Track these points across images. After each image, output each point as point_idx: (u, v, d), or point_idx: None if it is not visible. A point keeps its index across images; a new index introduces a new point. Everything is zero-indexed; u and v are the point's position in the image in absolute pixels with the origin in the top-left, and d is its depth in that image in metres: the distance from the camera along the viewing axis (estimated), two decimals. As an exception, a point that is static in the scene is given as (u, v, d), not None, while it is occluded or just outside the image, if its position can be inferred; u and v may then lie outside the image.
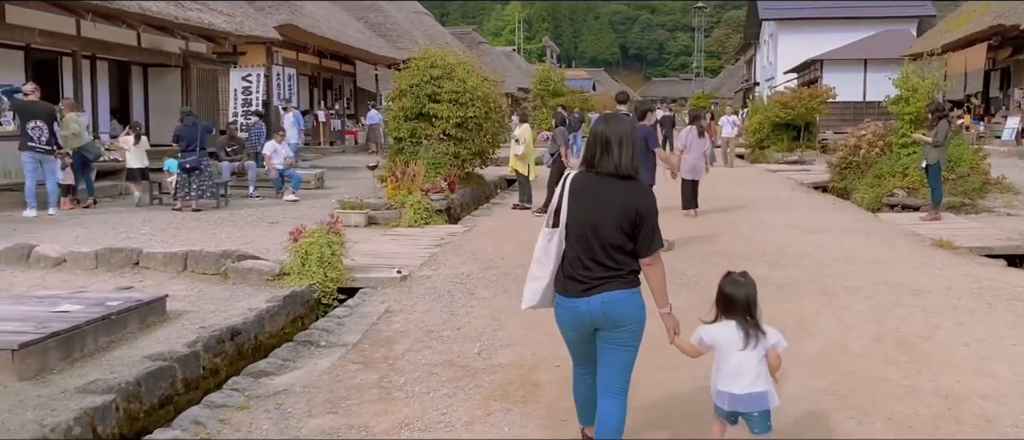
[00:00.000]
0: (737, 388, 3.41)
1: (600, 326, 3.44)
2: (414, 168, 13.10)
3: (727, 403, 3.45)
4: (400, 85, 14.88)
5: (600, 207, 3.41)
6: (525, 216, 12.25)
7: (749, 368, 3.39)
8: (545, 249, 3.59)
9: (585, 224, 3.42)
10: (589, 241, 3.41)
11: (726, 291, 3.48)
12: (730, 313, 3.46)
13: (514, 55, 70.33)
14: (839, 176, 15.96)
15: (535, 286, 3.63)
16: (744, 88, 55.55)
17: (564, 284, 3.50)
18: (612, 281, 3.39)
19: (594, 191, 3.45)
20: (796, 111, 24.65)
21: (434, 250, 9.12)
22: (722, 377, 3.46)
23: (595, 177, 3.48)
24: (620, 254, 3.40)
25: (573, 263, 3.46)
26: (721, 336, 3.45)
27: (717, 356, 3.49)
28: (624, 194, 3.41)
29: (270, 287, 7.31)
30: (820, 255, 8.64)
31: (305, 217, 11.67)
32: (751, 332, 3.41)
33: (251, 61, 22.58)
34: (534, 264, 3.63)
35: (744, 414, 3.47)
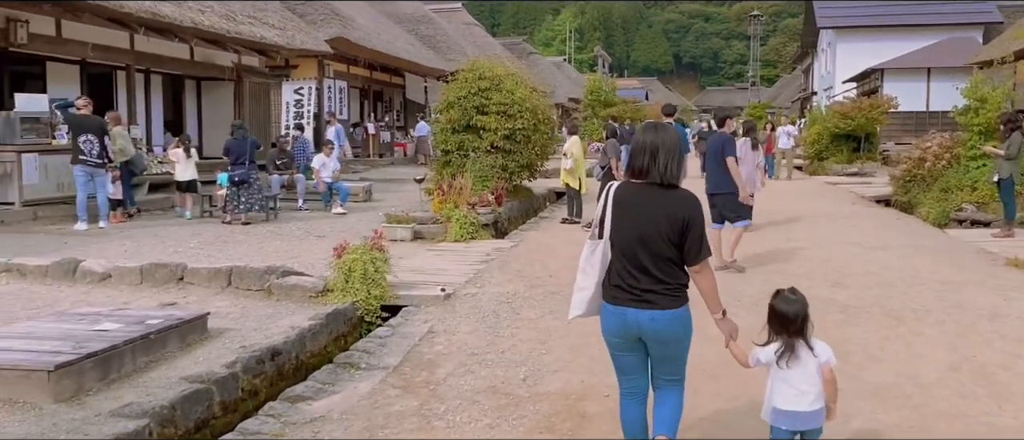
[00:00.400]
0: (800, 406, 3.42)
1: (647, 341, 3.48)
2: (461, 181, 12.95)
3: (788, 423, 3.44)
4: (448, 97, 14.75)
5: (646, 217, 3.40)
6: (574, 231, 11.97)
7: (805, 386, 3.41)
8: (589, 259, 3.59)
9: (630, 234, 3.42)
10: (635, 251, 3.41)
11: (778, 309, 3.48)
12: (782, 331, 3.45)
13: (565, 65, 70.11)
14: (903, 189, 15.36)
15: (581, 296, 3.66)
16: (801, 98, 54.41)
17: (612, 292, 3.50)
18: (662, 297, 3.39)
19: (639, 201, 3.45)
20: (856, 122, 23.94)
21: (479, 267, 8.91)
22: (779, 397, 3.46)
23: (639, 187, 3.48)
24: (667, 265, 3.40)
25: (620, 273, 3.47)
26: (772, 356, 3.46)
27: (774, 375, 3.49)
28: (670, 203, 3.40)
29: (313, 304, 7.17)
30: (885, 274, 8.19)
31: (352, 231, 11.61)
32: (791, 349, 3.41)
33: (303, 74, 22.76)
34: (579, 274, 3.64)
35: (804, 432, 3.46)
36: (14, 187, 11.42)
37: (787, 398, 3.43)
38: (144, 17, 13.12)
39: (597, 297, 3.60)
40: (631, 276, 3.42)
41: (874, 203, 15.86)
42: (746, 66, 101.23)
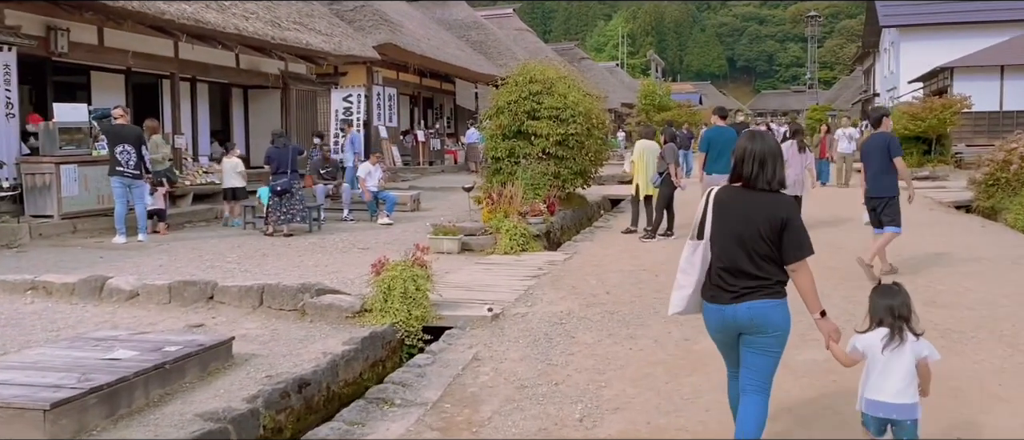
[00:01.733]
0: (892, 397, 3.44)
1: (745, 331, 3.59)
2: (511, 190, 12.33)
3: (877, 410, 3.47)
4: (498, 102, 14.16)
5: (745, 219, 3.57)
6: (631, 241, 11.24)
7: (900, 375, 3.43)
8: (690, 259, 3.76)
9: (731, 236, 3.59)
10: (735, 252, 3.57)
11: (878, 300, 3.56)
12: (881, 320, 3.52)
13: (617, 70, 69.25)
14: (985, 194, 14.26)
15: (681, 294, 3.82)
16: (862, 99, 52.59)
17: (713, 292, 3.66)
18: (760, 291, 3.54)
19: (739, 204, 3.63)
20: (927, 123, 22.74)
21: (530, 282, 8.25)
22: (872, 385, 3.50)
23: (739, 190, 3.67)
24: (767, 264, 3.55)
25: (721, 274, 3.62)
26: (872, 343, 3.50)
27: (867, 364, 3.53)
28: (769, 206, 3.57)
29: (350, 325, 6.60)
30: (983, 290, 7.31)
31: (397, 242, 11.08)
32: (899, 334, 3.45)
33: (351, 81, 22.47)
34: (680, 274, 3.82)
35: (895, 423, 3.47)
36: (53, 199, 11.14)
37: (881, 389, 3.47)
38: (187, 24, 12.82)
39: (696, 296, 3.78)
40: (732, 276, 3.58)
41: (953, 209, 14.77)
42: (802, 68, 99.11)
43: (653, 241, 11.16)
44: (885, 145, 8.11)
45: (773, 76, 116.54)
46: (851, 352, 3.58)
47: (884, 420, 3.47)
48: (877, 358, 3.48)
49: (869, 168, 8.31)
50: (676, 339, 6.08)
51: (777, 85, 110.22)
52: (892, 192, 8.13)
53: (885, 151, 8.06)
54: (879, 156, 8.10)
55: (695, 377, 5.24)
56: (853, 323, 4.10)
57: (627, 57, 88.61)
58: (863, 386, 3.56)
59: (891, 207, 8.18)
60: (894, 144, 8.16)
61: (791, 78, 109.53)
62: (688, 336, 6.14)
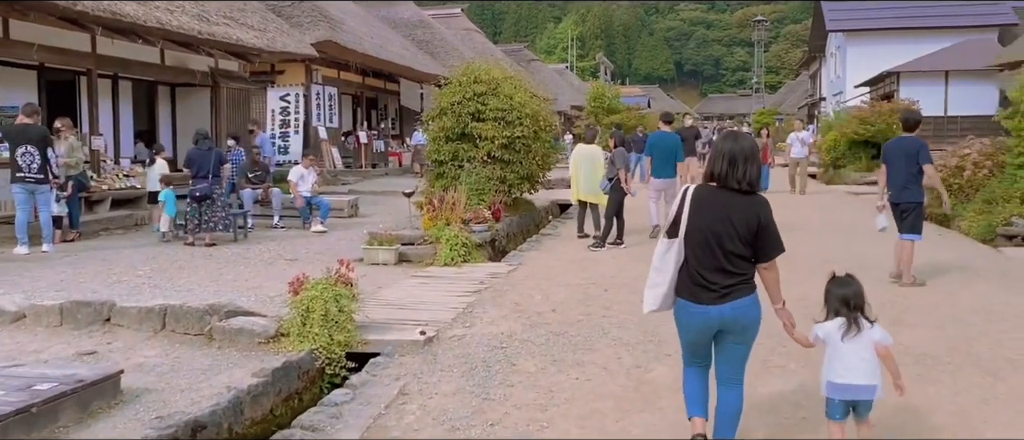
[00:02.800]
0: (855, 379, 3.67)
1: (727, 329, 3.72)
2: (454, 195, 11.65)
3: (841, 393, 3.69)
4: (440, 103, 13.46)
5: (723, 218, 3.65)
6: (580, 251, 10.65)
7: (859, 360, 3.66)
8: (664, 257, 3.81)
9: (708, 234, 3.66)
10: (713, 250, 3.65)
11: (832, 291, 3.79)
12: (837, 310, 3.74)
13: (567, 72, 68.92)
14: (937, 201, 13.98)
15: (656, 292, 3.87)
16: (809, 103, 53.12)
17: (692, 291, 3.72)
18: (739, 288, 3.67)
19: (716, 203, 3.69)
20: (876, 127, 22.57)
21: (470, 298, 7.58)
22: (833, 370, 3.72)
23: (716, 190, 3.73)
24: (741, 261, 3.67)
25: (698, 272, 3.70)
26: (832, 331, 3.73)
27: (828, 351, 3.76)
28: (745, 206, 3.66)
29: (263, 353, 5.86)
30: (952, 307, 6.87)
31: (330, 252, 10.32)
32: (855, 323, 3.68)
33: (289, 80, 21.56)
34: (653, 272, 3.87)
35: (856, 403, 3.72)
36: (-53, 207, 10.13)
37: (842, 372, 3.69)
38: (103, 16, 11.82)
39: (670, 294, 3.82)
40: (710, 273, 3.67)
41: (906, 215, 14.51)
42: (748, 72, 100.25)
43: (603, 250, 10.59)
44: (916, 150, 7.76)
45: (720, 80, 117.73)
46: (814, 339, 3.83)
47: (848, 402, 3.72)
48: (838, 346, 3.70)
49: (894, 173, 7.94)
50: (627, 367, 5.47)
51: (724, 89, 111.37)
52: (920, 198, 7.87)
53: (914, 157, 7.72)
54: (907, 161, 7.77)
55: (647, 415, 4.64)
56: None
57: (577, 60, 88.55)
58: (826, 373, 3.78)
59: (916, 214, 7.90)
60: (924, 150, 7.80)
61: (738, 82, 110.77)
62: (639, 362, 5.54)
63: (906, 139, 8.03)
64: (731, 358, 3.80)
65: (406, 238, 10.54)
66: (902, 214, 8.00)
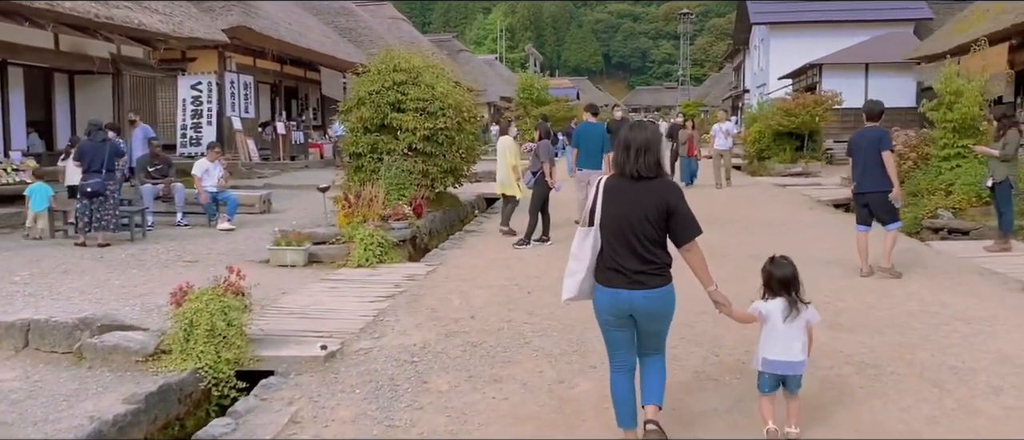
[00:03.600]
0: (788, 355, 3.89)
1: (639, 316, 3.78)
2: (372, 190, 11.01)
3: (776, 369, 3.90)
4: (358, 92, 12.76)
5: (634, 205, 3.72)
6: (504, 249, 10.13)
7: (794, 338, 3.89)
8: (581, 246, 3.87)
9: (621, 221, 3.73)
10: (626, 237, 3.72)
11: (772, 273, 3.95)
12: (777, 291, 3.93)
13: (496, 63, 68.35)
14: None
15: (573, 279, 3.91)
16: (733, 95, 53.80)
17: (606, 276, 3.79)
18: (651, 277, 3.71)
19: (626, 191, 3.76)
20: (800, 119, 22.70)
21: (383, 304, 6.98)
22: (771, 347, 3.91)
23: (625, 178, 3.79)
24: (655, 247, 3.73)
25: (612, 257, 3.76)
26: (773, 310, 3.91)
27: (765, 329, 3.93)
28: (654, 192, 3.74)
29: (140, 373, 5.18)
30: (889, 309, 6.58)
31: (235, 252, 9.61)
32: (794, 306, 3.90)
33: (201, 67, 20.49)
34: (572, 260, 3.92)
35: (787, 377, 3.92)
36: None
37: (777, 349, 3.88)
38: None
39: (588, 280, 3.88)
40: (623, 259, 3.73)
41: (833, 208, 14.45)
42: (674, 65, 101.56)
43: (528, 248, 10.10)
44: (877, 139, 7.75)
45: (647, 72, 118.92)
46: (754, 312, 3.96)
47: (780, 376, 3.91)
48: (777, 325, 3.88)
49: (860, 163, 7.90)
50: (549, 382, 4.97)
51: (651, 81, 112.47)
52: (886, 186, 7.77)
53: (876, 145, 7.71)
54: (872, 150, 7.74)
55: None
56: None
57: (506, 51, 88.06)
58: (761, 349, 3.95)
59: (887, 204, 7.83)
60: (886, 138, 7.83)
61: (664, 74, 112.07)
62: (562, 376, 5.05)
63: (869, 129, 7.98)
64: (649, 340, 3.91)
65: (319, 236, 9.87)
66: (864, 205, 7.96)
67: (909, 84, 29.26)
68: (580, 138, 11.75)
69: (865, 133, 7.97)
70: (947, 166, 11.80)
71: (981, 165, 11.65)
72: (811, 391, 4.66)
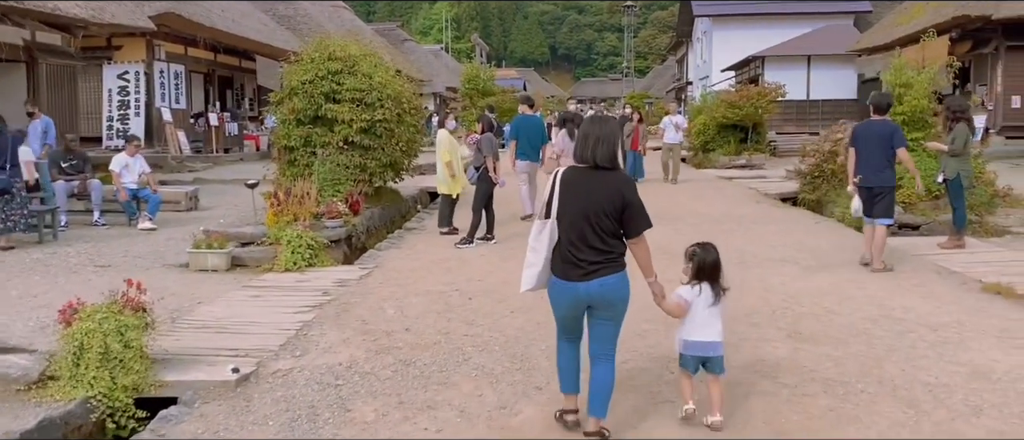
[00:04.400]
0: (706, 337, 4.08)
1: (595, 305, 3.88)
2: (303, 186, 10.39)
3: (697, 350, 4.10)
4: (290, 82, 12.06)
5: (590, 197, 3.83)
6: (446, 250, 9.59)
7: (713, 321, 4.09)
8: (538, 238, 3.95)
9: (578, 213, 3.83)
10: (582, 228, 3.82)
11: (704, 259, 4.10)
12: (700, 276, 4.09)
13: (442, 54, 67.47)
14: (810, 186, 13.78)
15: (531, 271, 3.98)
16: (676, 87, 53.98)
17: (562, 269, 3.88)
18: (607, 266, 3.82)
19: (584, 183, 3.88)
20: (744, 110, 22.58)
21: (309, 315, 6.39)
22: (692, 329, 4.10)
23: (583, 170, 3.91)
24: (611, 238, 3.84)
25: (569, 249, 3.85)
26: (695, 295, 4.08)
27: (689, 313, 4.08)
28: (610, 183, 3.85)
29: (22, 403, 4.53)
30: (851, 314, 6.22)
31: (153, 255, 8.91)
32: (718, 291, 4.10)
33: (128, 56, 19.44)
34: (529, 252, 3.99)
35: (707, 358, 4.11)
36: None
37: (697, 331, 4.09)
38: None
39: (545, 271, 3.95)
40: (579, 251, 3.82)
41: (780, 202, 14.23)
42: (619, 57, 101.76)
43: (471, 248, 9.58)
44: (889, 134, 7.77)
45: (592, 64, 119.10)
46: (679, 300, 4.06)
47: (701, 357, 4.07)
48: (698, 309, 4.05)
49: (866, 156, 7.87)
50: (490, 408, 4.46)
51: (596, 73, 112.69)
52: (892, 183, 7.88)
53: (888, 140, 7.72)
54: (881, 145, 7.74)
55: (514, 482, 3.65)
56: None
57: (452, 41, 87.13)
58: (683, 332, 4.11)
59: (889, 199, 7.88)
60: (899, 133, 7.88)
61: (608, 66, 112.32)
62: (505, 401, 4.55)
63: (877, 122, 7.95)
64: (601, 336, 3.94)
65: (247, 237, 9.23)
66: (875, 198, 7.88)
67: (850, 76, 29.49)
68: (518, 130, 11.76)
69: (873, 126, 7.94)
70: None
71: (931, 159, 11.49)
72: (777, 413, 4.25)
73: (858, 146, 7.97)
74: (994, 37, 19.80)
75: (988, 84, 20.66)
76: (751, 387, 4.64)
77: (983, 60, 21.13)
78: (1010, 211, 10.88)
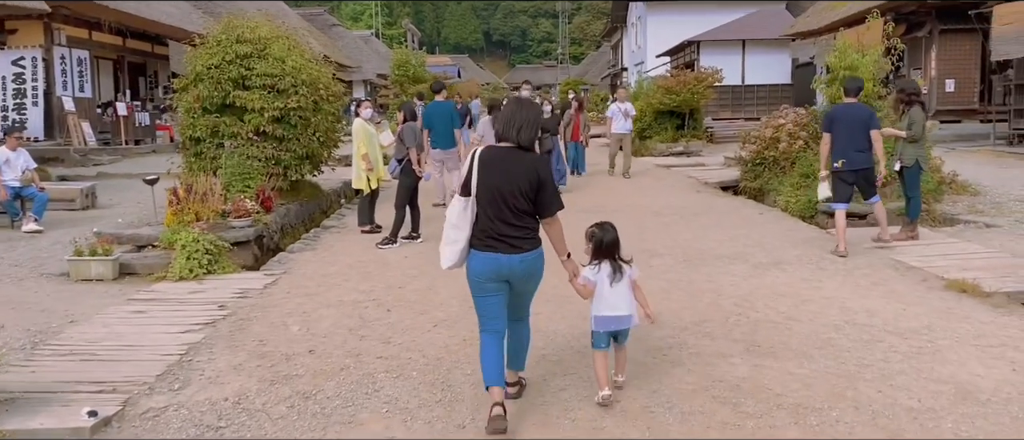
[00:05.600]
0: (616, 311, 4.19)
1: (514, 280, 4.00)
2: (207, 181, 9.42)
3: (606, 325, 4.22)
4: (195, 67, 11.01)
5: (507, 175, 3.92)
6: (367, 251, 8.74)
7: (621, 297, 4.19)
8: (461, 215, 4.01)
9: (496, 192, 3.92)
10: (500, 206, 3.93)
11: (603, 239, 4.22)
12: (601, 255, 4.23)
13: (373, 40, 65.83)
14: (751, 174, 13.31)
15: (453, 249, 4.05)
16: (611, 73, 53.65)
17: (485, 242, 3.96)
18: (526, 241, 3.96)
19: (501, 162, 3.96)
20: (681, 97, 22.16)
21: (198, 335, 5.50)
22: (601, 306, 4.20)
23: (501, 149, 4.02)
24: (527, 217, 3.97)
25: (490, 225, 3.95)
26: (602, 277, 4.20)
27: (596, 292, 4.20)
28: (527, 165, 3.95)
29: None
30: (810, 320, 5.61)
31: (34, 262, 7.94)
32: (618, 268, 4.22)
33: (24, 41, 18.00)
34: (451, 229, 4.04)
35: (617, 332, 4.27)
36: None
37: (602, 307, 4.20)
38: None
39: (466, 249, 4.03)
40: (501, 226, 3.93)
41: (721, 191, 13.73)
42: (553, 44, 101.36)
43: (394, 248, 8.75)
44: (867, 116, 7.84)
45: (527, 50, 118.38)
46: (585, 283, 4.18)
47: (612, 332, 4.25)
48: (605, 286, 4.19)
49: (849, 138, 7.79)
50: (402, 456, 3.68)
51: (531, 59, 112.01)
52: (871, 163, 7.91)
53: (866, 123, 7.77)
54: (860, 128, 7.78)
55: None
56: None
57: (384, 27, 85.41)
58: (593, 308, 4.24)
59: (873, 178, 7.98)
60: (875, 117, 7.98)
61: (543, 53, 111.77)
62: (422, 446, 3.77)
63: (853, 106, 7.98)
64: (517, 304, 4.13)
65: (144, 239, 8.26)
66: (863, 178, 7.95)
67: (784, 61, 29.39)
68: (430, 118, 11.38)
69: (849, 109, 7.93)
70: (840, 146, 11.15)
71: (882, 145, 11.09)
72: (744, 455, 3.57)
73: (838, 130, 7.86)
74: (928, 20, 19.71)
75: (922, 68, 20.60)
76: (710, 417, 3.97)
77: (917, 43, 21.05)
78: (956, 198, 10.53)
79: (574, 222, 4.95)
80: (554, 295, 5.80)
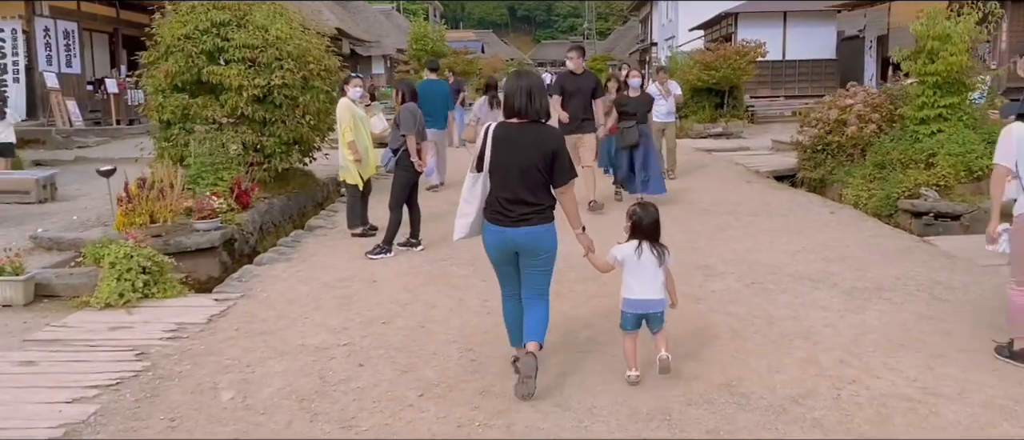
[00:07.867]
0: (646, 295, 4.12)
1: (522, 251, 4.05)
2: (166, 173, 7.88)
3: (637, 308, 4.13)
4: (163, 38, 9.45)
5: (521, 150, 3.96)
6: (353, 262, 7.11)
7: (653, 279, 4.13)
8: (472, 190, 4.11)
9: (508, 165, 3.97)
10: (511, 180, 3.97)
11: (642, 218, 4.16)
12: (638, 235, 4.16)
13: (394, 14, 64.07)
14: (811, 162, 11.51)
15: (464, 221, 4.17)
16: (640, 48, 51.52)
17: (495, 216, 4.04)
18: (535, 216, 3.99)
19: (514, 136, 4.00)
20: (721, 73, 20.27)
21: (92, 406, 3.90)
22: (633, 288, 4.14)
23: (513, 124, 4.05)
24: (541, 190, 4.00)
25: (500, 200, 4.01)
26: (628, 254, 4.14)
27: (626, 271, 4.16)
28: (540, 136, 4.01)
29: None
30: (961, 398, 3.90)
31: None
32: (656, 250, 4.14)
33: (3, 12, 16.45)
34: (463, 203, 4.14)
35: (649, 315, 4.16)
36: None
37: (636, 289, 4.13)
38: None
39: (478, 222, 4.14)
40: (509, 203, 3.98)
41: (775, 182, 11.96)
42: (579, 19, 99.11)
43: (387, 258, 7.11)
44: None
45: (552, 26, 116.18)
46: (611, 261, 4.18)
47: (641, 314, 4.15)
48: (634, 266, 4.12)
49: None
50: None
51: (556, 35, 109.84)
52: None
53: None
54: None
55: None
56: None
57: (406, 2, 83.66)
58: (624, 290, 4.18)
59: None
60: None
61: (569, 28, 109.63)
62: None
63: None
64: (532, 284, 4.12)
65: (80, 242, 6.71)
66: None
67: (830, 34, 27.34)
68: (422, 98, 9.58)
69: None
70: (925, 131, 9.35)
71: (969, 130, 9.30)
72: None
73: None
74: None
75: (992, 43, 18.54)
76: None
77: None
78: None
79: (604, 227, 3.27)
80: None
